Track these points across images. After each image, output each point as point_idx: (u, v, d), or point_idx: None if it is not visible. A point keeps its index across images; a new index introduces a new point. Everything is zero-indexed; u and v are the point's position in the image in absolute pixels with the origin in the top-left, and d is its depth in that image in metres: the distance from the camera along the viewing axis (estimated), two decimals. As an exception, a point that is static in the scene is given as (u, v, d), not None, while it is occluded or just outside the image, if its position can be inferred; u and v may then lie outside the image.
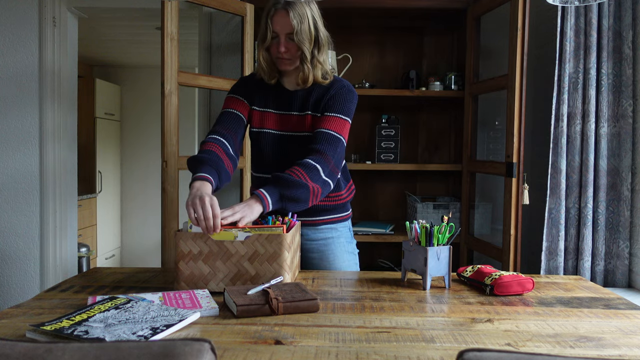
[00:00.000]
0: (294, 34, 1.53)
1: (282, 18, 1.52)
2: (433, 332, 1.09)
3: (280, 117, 1.66)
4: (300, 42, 1.54)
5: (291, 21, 1.51)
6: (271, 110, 1.67)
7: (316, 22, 1.57)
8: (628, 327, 1.14)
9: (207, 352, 0.69)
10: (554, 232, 2.24)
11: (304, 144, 1.60)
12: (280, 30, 1.54)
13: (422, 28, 2.97)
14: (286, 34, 1.54)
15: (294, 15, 1.51)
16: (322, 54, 1.60)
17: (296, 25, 1.52)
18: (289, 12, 1.51)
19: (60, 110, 2.82)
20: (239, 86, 1.72)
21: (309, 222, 1.72)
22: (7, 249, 2.84)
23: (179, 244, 1.35)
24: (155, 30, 4.04)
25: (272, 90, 1.68)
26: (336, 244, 1.74)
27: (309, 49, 1.56)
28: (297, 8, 1.52)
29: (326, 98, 1.61)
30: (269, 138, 1.66)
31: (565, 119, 2.22)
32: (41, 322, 1.07)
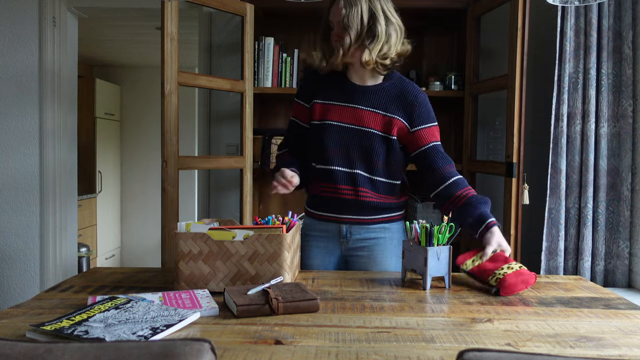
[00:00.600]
0: (342, 19, 1.58)
1: (336, 7, 1.61)
2: (433, 332, 1.09)
3: (344, 110, 1.67)
4: (346, 27, 1.58)
5: (341, 9, 1.58)
6: (334, 103, 1.68)
7: (374, 13, 1.58)
8: (628, 327, 1.14)
9: (207, 352, 0.69)
10: (554, 232, 2.24)
11: (367, 139, 1.63)
12: (334, 18, 1.62)
13: (422, 28, 2.97)
14: (338, 21, 1.60)
15: (345, 4, 1.58)
16: (377, 45, 1.59)
17: (344, 12, 1.57)
18: (341, 1, 1.59)
19: (60, 110, 2.83)
20: (300, 87, 1.79)
21: (361, 220, 1.70)
22: (7, 249, 2.84)
23: (179, 244, 1.35)
24: (155, 30, 4.04)
25: (337, 84, 1.70)
26: (387, 244, 1.71)
27: (353, 37, 1.58)
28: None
29: (409, 107, 1.66)
30: (331, 130, 1.66)
31: (565, 119, 2.22)
32: (41, 322, 1.07)
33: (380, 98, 1.66)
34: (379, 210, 1.70)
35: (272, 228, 1.41)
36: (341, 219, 1.70)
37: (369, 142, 1.63)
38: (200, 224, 1.41)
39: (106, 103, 5.34)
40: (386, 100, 1.66)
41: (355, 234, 1.71)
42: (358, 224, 1.70)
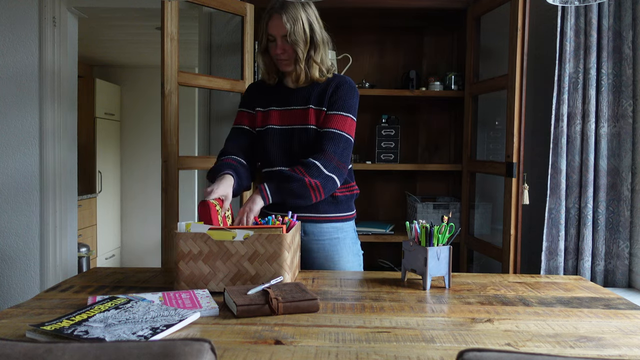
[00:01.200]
0: (288, 35, 1.62)
1: (277, 21, 1.63)
2: (433, 332, 1.09)
3: (282, 113, 1.74)
4: (294, 43, 1.63)
5: (284, 24, 1.62)
6: (274, 108, 1.75)
7: (312, 23, 1.66)
8: (628, 327, 1.14)
9: (207, 352, 0.69)
10: (554, 232, 2.24)
11: (306, 136, 1.68)
12: (276, 32, 1.65)
13: (422, 28, 2.97)
14: (281, 36, 1.64)
15: (287, 19, 1.62)
16: (319, 53, 1.68)
17: (289, 27, 1.62)
18: (282, 16, 1.62)
19: (60, 110, 2.83)
20: (243, 98, 1.85)
21: (313, 218, 1.72)
22: (7, 249, 2.84)
23: (179, 244, 1.35)
24: (155, 30, 4.04)
25: (274, 90, 1.78)
26: (342, 244, 1.76)
27: (303, 49, 1.65)
28: (291, 11, 1.62)
29: (328, 94, 1.70)
30: (273, 133, 1.73)
31: (565, 119, 2.22)
32: (41, 322, 1.07)
33: (315, 94, 1.71)
34: (331, 205, 1.73)
35: (272, 228, 1.42)
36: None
37: (307, 139, 1.69)
38: (200, 224, 1.41)
39: (106, 103, 5.34)
40: (319, 94, 1.71)
41: (310, 233, 1.74)
42: (312, 222, 1.73)
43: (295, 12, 1.63)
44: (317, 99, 1.70)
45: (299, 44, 1.63)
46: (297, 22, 1.62)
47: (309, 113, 1.69)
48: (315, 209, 1.72)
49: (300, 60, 1.65)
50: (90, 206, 5.02)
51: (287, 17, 1.61)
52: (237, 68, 2.77)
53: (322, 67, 1.69)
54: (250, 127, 1.80)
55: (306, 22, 1.64)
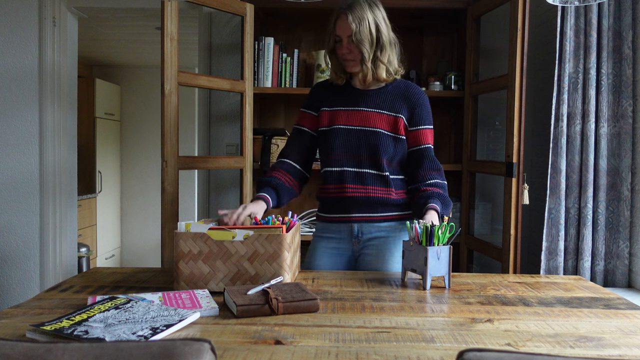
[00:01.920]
0: (353, 35, 1.63)
1: (343, 22, 1.65)
2: (433, 332, 1.09)
3: (350, 114, 1.75)
4: (360, 42, 1.64)
5: (350, 24, 1.63)
6: (340, 108, 1.76)
7: (378, 24, 1.67)
8: (628, 327, 1.14)
9: (207, 352, 0.69)
10: (553, 232, 2.24)
11: (375, 139, 1.70)
12: (342, 33, 1.66)
13: (422, 28, 2.97)
14: (347, 36, 1.65)
15: (353, 19, 1.63)
16: (385, 54, 1.69)
17: (355, 27, 1.63)
18: (349, 16, 1.63)
19: (60, 110, 2.83)
20: (307, 98, 1.87)
21: (371, 218, 1.73)
22: (7, 249, 2.84)
23: (179, 243, 1.35)
24: (155, 30, 4.04)
25: (342, 91, 1.79)
26: (396, 242, 1.74)
27: (369, 50, 1.66)
28: (357, 12, 1.64)
29: (411, 107, 1.73)
30: (339, 133, 1.74)
31: (565, 119, 2.22)
32: (41, 322, 1.07)
33: (385, 99, 1.74)
34: (388, 206, 1.73)
35: (272, 228, 1.42)
36: (352, 218, 1.73)
37: (376, 141, 1.70)
38: (200, 224, 1.41)
39: (106, 103, 5.34)
40: (391, 100, 1.74)
41: (367, 232, 1.74)
42: (368, 222, 1.73)
43: (362, 12, 1.64)
44: (390, 105, 1.73)
45: (364, 44, 1.64)
46: (363, 22, 1.63)
47: (379, 117, 1.71)
48: (370, 209, 1.73)
49: (367, 60, 1.66)
50: (90, 206, 5.02)
51: (353, 17, 1.62)
52: (237, 68, 2.77)
53: (389, 68, 1.70)
54: (309, 129, 1.81)
55: (372, 22, 1.65)
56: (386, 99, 1.74)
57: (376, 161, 1.70)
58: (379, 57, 1.68)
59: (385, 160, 1.70)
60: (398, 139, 1.71)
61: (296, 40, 2.92)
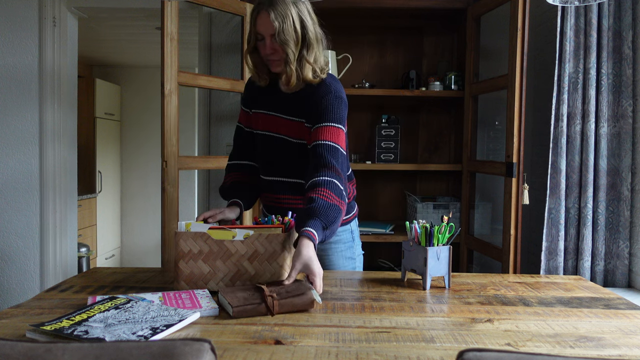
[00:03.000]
0: (277, 34, 1.48)
1: (265, 19, 1.48)
2: (433, 332, 1.09)
3: (267, 118, 1.65)
4: (283, 42, 1.49)
5: (272, 22, 1.47)
6: (261, 111, 1.67)
7: (303, 20, 1.51)
8: (628, 327, 1.14)
9: (207, 352, 0.69)
10: (553, 232, 2.24)
11: (282, 146, 1.62)
12: (264, 31, 1.50)
13: (422, 28, 2.97)
14: (270, 35, 1.50)
15: (276, 16, 1.47)
16: (312, 52, 1.54)
17: (278, 25, 1.47)
18: (270, 13, 1.47)
19: (60, 110, 2.83)
20: (244, 92, 1.77)
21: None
22: (7, 249, 2.84)
23: (179, 243, 1.35)
24: (155, 30, 4.04)
25: (267, 92, 1.66)
26: (334, 250, 1.69)
27: (294, 49, 1.51)
28: (279, 8, 1.47)
29: (312, 106, 1.57)
30: (262, 139, 1.67)
31: (565, 119, 2.22)
32: (41, 322, 1.07)
33: (295, 104, 1.60)
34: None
35: (272, 228, 1.42)
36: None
37: (285, 149, 1.61)
38: (200, 224, 1.41)
39: (106, 103, 5.34)
40: (299, 105, 1.59)
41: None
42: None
43: (285, 8, 1.47)
44: (299, 111, 1.59)
45: (289, 44, 1.49)
46: (287, 19, 1.47)
47: (289, 124, 1.60)
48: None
49: (291, 61, 1.51)
50: (90, 206, 5.02)
51: (275, 14, 1.46)
52: (237, 68, 2.77)
53: (315, 67, 1.54)
54: (246, 127, 1.75)
55: (297, 19, 1.49)
56: (296, 104, 1.60)
57: (289, 169, 1.62)
58: (305, 56, 1.52)
59: (294, 168, 1.61)
60: (302, 145, 1.59)
61: (296, 40, 2.91)
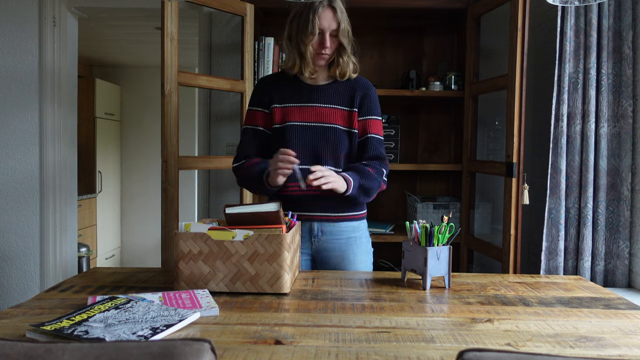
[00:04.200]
0: (339, 30, 1.64)
1: (328, 15, 1.63)
2: (433, 332, 1.09)
3: (302, 109, 1.73)
4: (344, 37, 1.66)
5: (338, 19, 1.63)
6: (293, 105, 1.73)
7: (348, 18, 1.69)
8: (628, 327, 1.14)
9: (207, 352, 0.69)
10: (554, 232, 2.24)
11: (333, 135, 1.70)
12: (327, 27, 1.63)
13: (422, 28, 2.97)
14: (332, 30, 1.64)
15: (340, 13, 1.64)
16: (352, 49, 1.72)
17: (341, 22, 1.64)
18: (336, 10, 1.63)
19: (60, 110, 2.83)
20: (255, 95, 1.80)
21: (331, 218, 1.72)
22: (7, 249, 2.84)
23: (179, 244, 1.35)
24: (155, 30, 4.04)
25: (291, 86, 1.75)
26: (358, 243, 1.76)
27: (348, 45, 1.68)
28: (340, 6, 1.65)
29: (361, 98, 1.74)
30: (294, 130, 1.71)
31: (565, 119, 2.22)
32: (41, 322, 1.07)
33: (339, 94, 1.74)
34: (349, 205, 1.72)
35: (272, 228, 1.42)
36: (312, 217, 1.71)
37: (333, 137, 1.70)
38: (200, 224, 1.41)
39: (106, 103, 5.34)
40: (344, 95, 1.74)
41: (327, 233, 1.73)
42: (328, 221, 1.72)
43: (342, 7, 1.66)
44: (345, 100, 1.73)
45: (347, 41, 1.67)
46: (344, 16, 1.65)
47: (335, 112, 1.71)
48: (332, 209, 1.72)
49: (347, 53, 1.68)
50: (90, 206, 5.02)
51: (339, 11, 1.64)
52: (237, 68, 2.77)
53: (356, 63, 1.74)
54: (264, 127, 1.76)
55: (347, 18, 1.67)
56: (340, 93, 1.74)
57: (335, 157, 1.70)
58: (350, 53, 1.71)
59: (342, 156, 1.71)
60: (352, 134, 1.72)
61: (296, 40, 2.91)
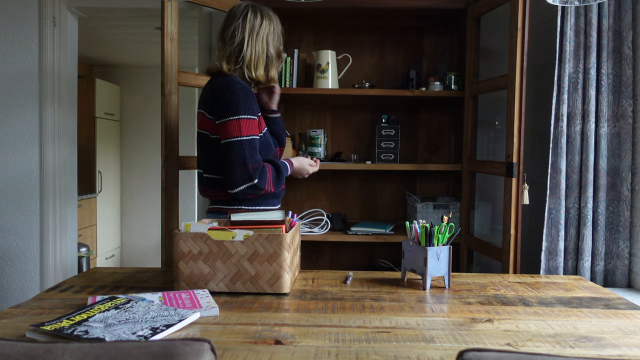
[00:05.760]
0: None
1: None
2: (433, 332, 1.09)
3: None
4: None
5: None
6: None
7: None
8: (628, 327, 1.14)
9: (207, 352, 0.69)
10: (553, 232, 2.24)
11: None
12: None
13: (422, 28, 2.97)
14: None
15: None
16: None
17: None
18: None
19: (60, 110, 2.83)
20: (254, 101, 1.73)
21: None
22: (7, 249, 2.84)
23: (179, 244, 1.35)
24: (155, 30, 4.04)
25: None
26: None
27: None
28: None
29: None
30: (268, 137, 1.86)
31: (565, 119, 2.22)
32: (41, 322, 1.07)
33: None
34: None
35: (272, 228, 1.42)
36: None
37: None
38: (200, 224, 1.41)
39: (106, 103, 5.34)
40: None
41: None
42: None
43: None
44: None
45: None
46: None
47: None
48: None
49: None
50: (90, 206, 5.02)
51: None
52: (237, 68, 2.76)
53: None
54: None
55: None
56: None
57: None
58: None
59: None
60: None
61: (296, 40, 2.92)
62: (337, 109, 2.99)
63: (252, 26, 1.71)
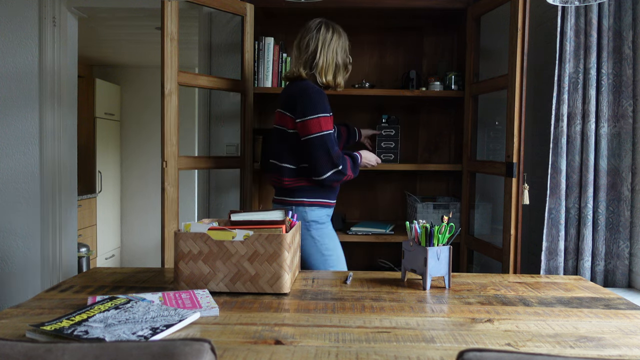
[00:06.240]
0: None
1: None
2: (433, 332, 1.09)
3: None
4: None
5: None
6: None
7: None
8: (628, 327, 1.14)
9: (207, 352, 0.69)
10: (554, 232, 2.24)
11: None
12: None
13: (422, 28, 2.97)
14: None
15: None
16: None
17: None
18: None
19: (60, 110, 2.83)
20: (327, 102, 1.99)
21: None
22: (7, 249, 2.84)
23: (179, 244, 1.35)
24: (155, 30, 4.04)
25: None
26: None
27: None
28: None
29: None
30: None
31: (565, 119, 2.22)
32: (41, 322, 1.07)
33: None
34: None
35: (272, 228, 1.42)
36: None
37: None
38: (200, 224, 1.41)
39: (106, 103, 5.34)
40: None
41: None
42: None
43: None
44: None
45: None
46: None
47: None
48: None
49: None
50: (90, 206, 5.02)
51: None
52: (237, 68, 2.77)
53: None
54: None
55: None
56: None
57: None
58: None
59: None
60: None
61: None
62: (338, 109, 3.00)
63: (324, 38, 2.01)
